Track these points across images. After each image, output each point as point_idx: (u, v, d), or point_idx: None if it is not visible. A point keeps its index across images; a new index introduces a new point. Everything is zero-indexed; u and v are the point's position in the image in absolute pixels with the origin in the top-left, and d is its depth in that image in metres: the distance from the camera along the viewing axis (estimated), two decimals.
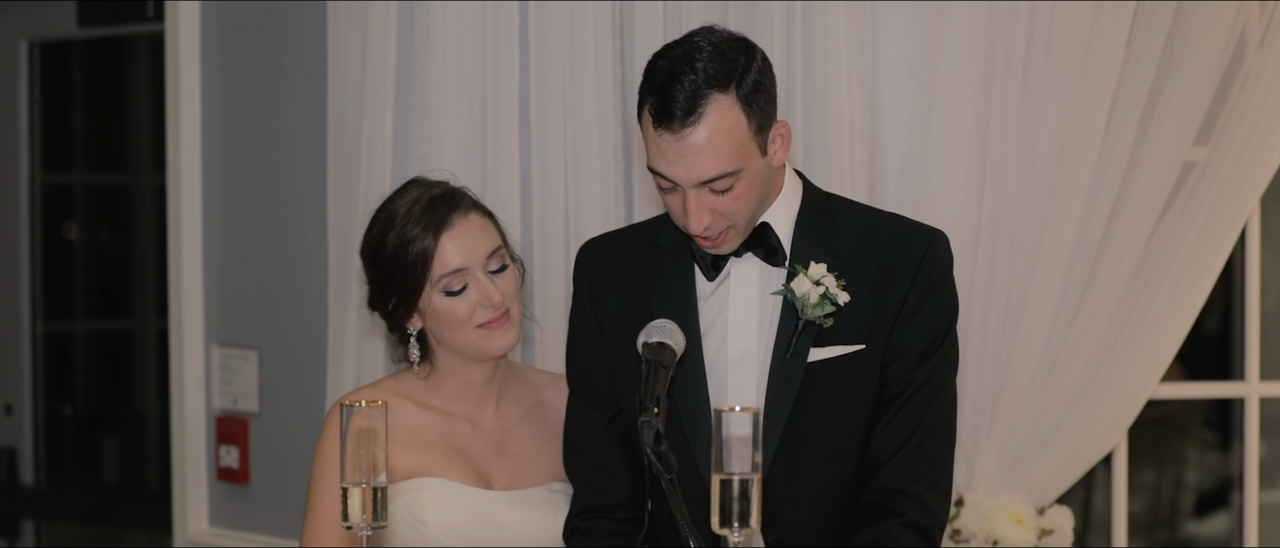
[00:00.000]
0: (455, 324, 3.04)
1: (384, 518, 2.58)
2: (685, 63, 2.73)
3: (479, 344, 3.05)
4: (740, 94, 2.73)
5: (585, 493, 3.01)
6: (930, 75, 3.74)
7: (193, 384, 4.36)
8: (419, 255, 3.00)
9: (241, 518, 4.36)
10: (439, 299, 3.03)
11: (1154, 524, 5.64)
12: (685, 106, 2.71)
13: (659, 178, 2.78)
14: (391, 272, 3.04)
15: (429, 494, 3.05)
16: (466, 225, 3.04)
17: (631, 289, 2.94)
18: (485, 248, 3.04)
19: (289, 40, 4.18)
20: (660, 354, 2.73)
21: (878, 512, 2.87)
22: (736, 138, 2.73)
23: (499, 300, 3.03)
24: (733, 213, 2.79)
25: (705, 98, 2.71)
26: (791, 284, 2.83)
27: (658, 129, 2.74)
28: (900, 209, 3.58)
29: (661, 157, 2.75)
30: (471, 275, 3.03)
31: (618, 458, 2.98)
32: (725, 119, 2.72)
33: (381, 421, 2.55)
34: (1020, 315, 3.78)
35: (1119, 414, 3.91)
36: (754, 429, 2.35)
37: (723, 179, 2.75)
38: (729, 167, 2.74)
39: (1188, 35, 3.80)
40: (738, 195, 2.77)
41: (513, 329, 3.06)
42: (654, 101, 2.74)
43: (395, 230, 3.02)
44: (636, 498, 2.96)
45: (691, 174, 2.74)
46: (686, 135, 2.72)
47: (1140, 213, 3.83)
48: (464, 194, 3.08)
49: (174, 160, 4.34)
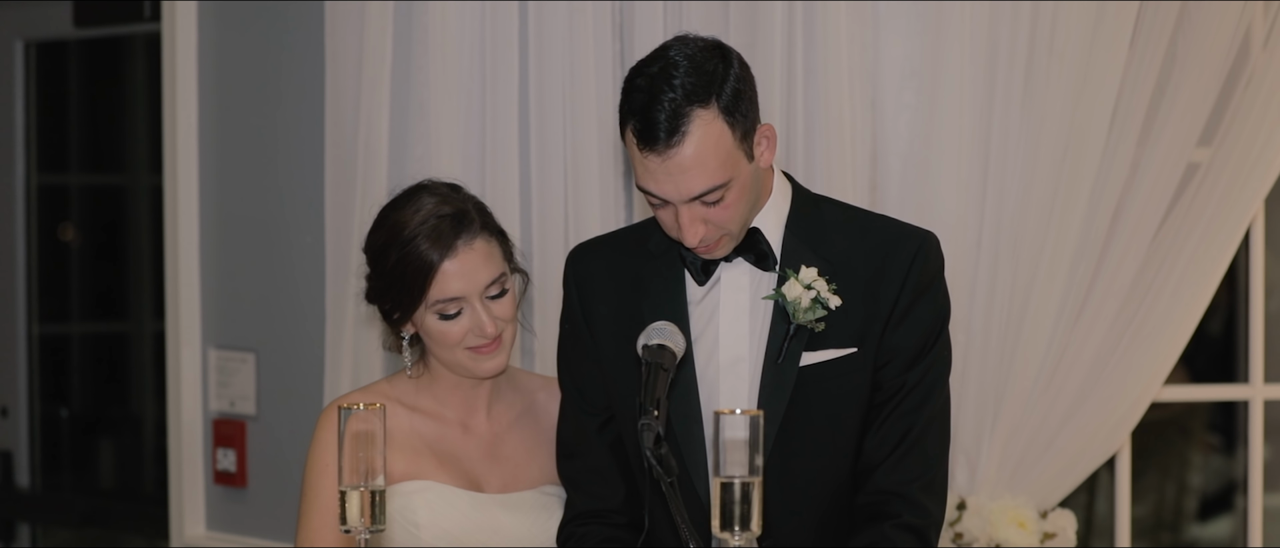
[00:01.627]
0: (446, 345, 3.04)
1: (382, 521, 2.57)
2: (662, 80, 2.72)
3: (467, 365, 3.06)
4: (722, 105, 2.72)
5: (580, 499, 3.01)
6: (932, 76, 3.74)
7: (189, 387, 4.36)
8: (419, 275, 3.00)
9: (239, 522, 4.35)
10: (433, 320, 3.03)
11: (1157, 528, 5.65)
12: (668, 127, 2.70)
13: (649, 196, 2.78)
14: (390, 282, 3.03)
15: (422, 497, 3.05)
16: (470, 254, 3.01)
17: (621, 295, 2.94)
18: (486, 278, 3.03)
19: (286, 40, 4.17)
20: (660, 357, 2.72)
21: (872, 514, 2.87)
22: (722, 150, 2.73)
23: (491, 331, 3.02)
24: (726, 221, 2.79)
25: (687, 115, 2.70)
26: (782, 289, 2.83)
27: (643, 151, 2.73)
28: (902, 211, 3.61)
29: (650, 177, 2.75)
30: (468, 304, 3.02)
31: (611, 463, 2.98)
32: (710, 133, 2.72)
33: (380, 423, 2.54)
34: (1023, 317, 3.78)
35: (1122, 417, 3.90)
36: (754, 432, 2.35)
37: (714, 192, 2.74)
38: (718, 179, 2.74)
39: (1191, 35, 3.79)
40: (729, 204, 2.77)
41: (502, 353, 3.06)
42: (636, 123, 2.73)
43: (398, 244, 3.01)
44: (631, 503, 2.97)
45: (682, 192, 2.74)
46: (672, 155, 2.71)
47: (1144, 214, 3.82)
48: (473, 214, 3.05)
49: (171, 161, 4.33)
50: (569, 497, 3.04)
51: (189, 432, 4.36)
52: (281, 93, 4.20)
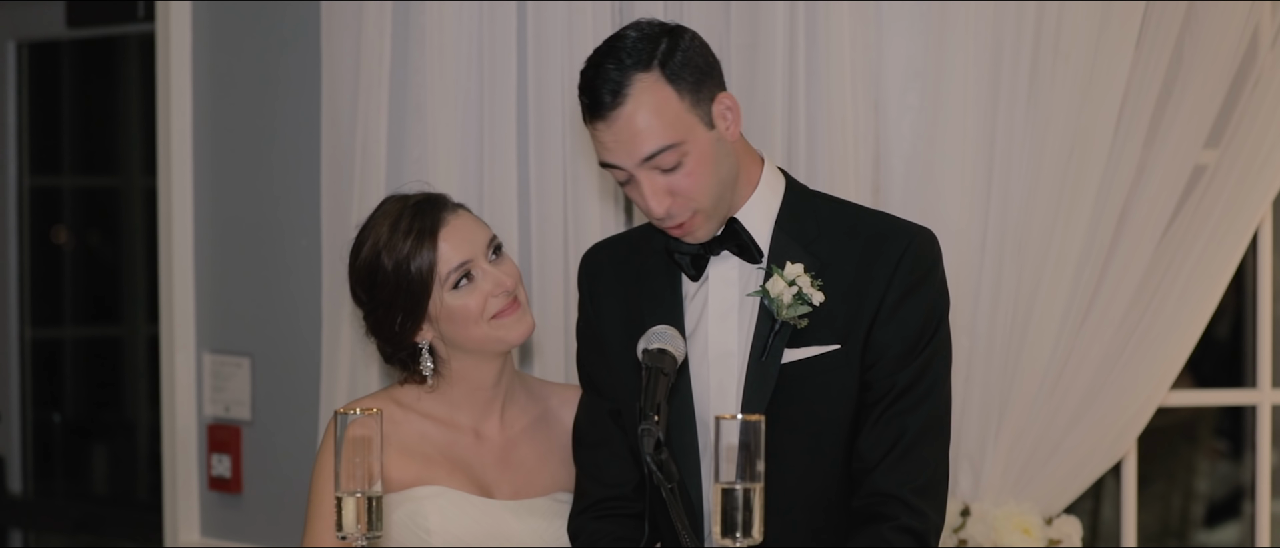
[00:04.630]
0: (469, 320, 3.05)
1: (379, 528, 2.56)
2: (607, 55, 2.83)
3: (497, 336, 3.07)
4: (666, 70, 2.80)
5: (594, 487, 3.02)
6: (936, 77, 3.73)
7: (184, 392, 4.35)
8: (422, 263, 3.03)
9: (233, 528, 4.34)
10: (450, 297, 3.04)
11: (1164, 534, 5.70)
12: (611, 91, 2.80)
13: (612, 170, 2.84)
14: (395, 289, 3.04)
15: (433, 503, 3.06)
16: (458, 221, 3.07)
17: (625, 291, 2.99)
18: (482, 239, 3.08)
19: (282, 41, 4.17)
20: (660, 361, 2.74)
21: (869, 517, 2.87)
22: (668, 111, 2.80)
23: (509, 285, 3.06)
24: (690, 191, 2.82)
25: (628, 79, 2.80)
26: (766, 285, 2.86)
27: (592, 122, 2.83)
28: (905, 213, 3.59)
29: (602, 147, 2.83)
30: (476, 267, 3.06)
31: (625, 448, 3.00)
32: (652, 94, 2.79)
33: (377, 429, 2.54)
34: (1027, 321, 3.77)
35: (1128, 422, 3.89)
36: (755, 438, 2.34)
37: (665, 153, 2.80)
38: (666, 140, 2.79)
39: (1198, 36, 3.78)
40: (691, 172, 2.81)
41: (526, 315, 3.09)
42: (585, 99, 2.84)
43: (388, 248, 3.04)
44: (642, 490, 2.97)
45: (632, 154, 2.80)
46: (615, 118, 2.80)
47: (1150, 217, 3.81)
48: (443, 196, 3.12)
49: (165, 163, 4.33)
50: (581, 486, 3.05)
51: (183, 437, 4.36)
52: (277, 94, 4.19)
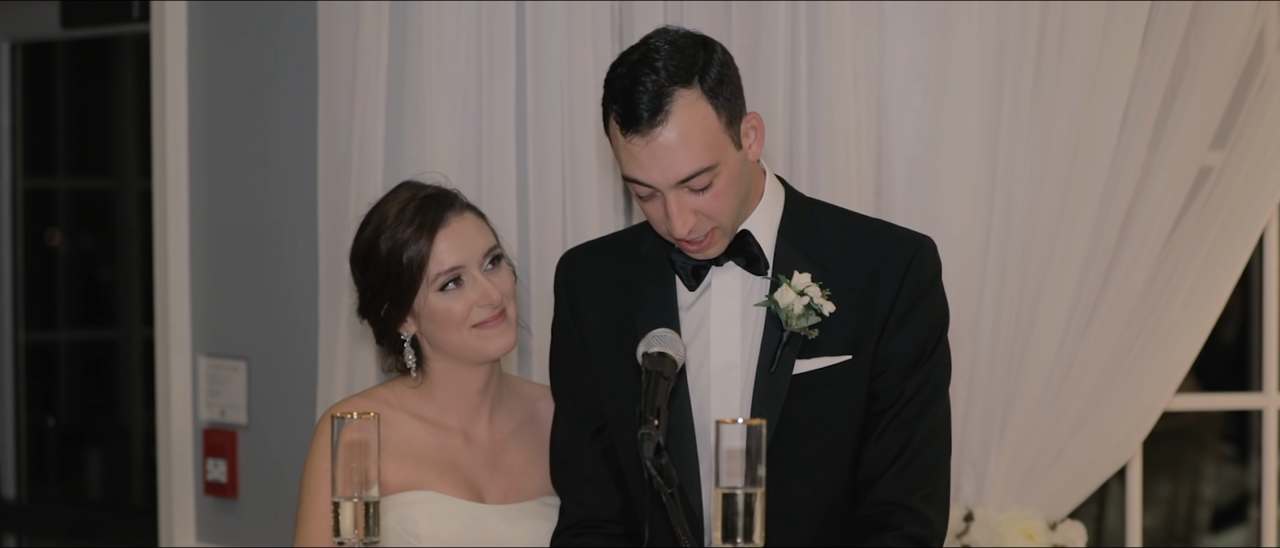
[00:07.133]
0: (451, 325, 3.03)
1: (377, 533, 2.55)
2: (644, 65, 2.73)
3: (475, 346, 3.05)
4: (705, 87, 2.73)
5: (576, 509, 3.01)
6: (939, 78, 3.72)
7: (179, 396, 4.34)
8: (414, 256, 3.01)
9: (229, 533, 4.33)
10: (435, 298, 3.03)
11: (1169, 539, 5.74)
12: (651, 107, 2.71)
13: (636, 186, 2.78)
14: (385, 274, 3.03)
15: (422, 508, 3.05)
16: (461, 224, 3.05)
17: (612, 301, 2.94)
18: (481, 246, 3.05)
19: (278, 41, 4.16)
20: (661, 365, 2.71)
21: (874, 526, 2.86)
22: (708, 131, 2.73)
23: (496, 299, 3.04)
24: (716, 212, 2.78)
25: (670, 95, 2.71)
26: (775, 295, 2.82)
27: (627, 135, 2.73)
28: (908, 215, 3.60)
29: (635, 162, 2.74)
30: (468, 273, 3.04)
31: (605, 472, 2.97)
32: (694, 114, 2.72)
33: (374, 433, 2.53)
34: (1031, 324, 3.76)
35: (1133, 427, 3.88)
36: (756, 442, 2.33)
37: (700, 175, 2.74)
38: (704, 162, 2.73)
39: (1204, 36, 3.79)
40: (718, 192, 2.76)
41: (509, 330, 3.07)
42: (618, 109, 2.74)
43: (388, 232, 3.03)
44: (627, 513, 2.96)
45: (668, 175, 2.73)
46: (656, 136, 2.71)
47: (1155, 219, 3.81)
48: (456, 194, 3.10)
49: (160, 165, 4.32)
50: (563, 505, 3.04)
51: (179, 441, 4.35)
52: (273, 94, 4.18)
